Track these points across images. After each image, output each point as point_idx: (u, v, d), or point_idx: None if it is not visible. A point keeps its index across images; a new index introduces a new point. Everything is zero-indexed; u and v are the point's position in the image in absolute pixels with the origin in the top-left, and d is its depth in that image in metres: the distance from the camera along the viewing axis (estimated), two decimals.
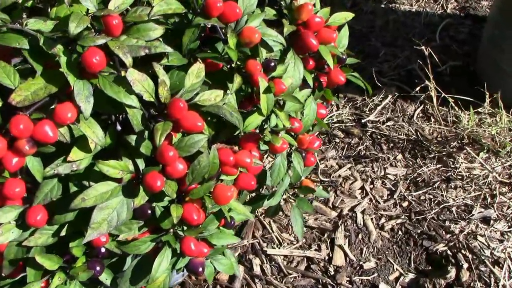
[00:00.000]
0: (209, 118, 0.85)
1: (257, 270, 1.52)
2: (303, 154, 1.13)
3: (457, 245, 1.55)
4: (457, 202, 1.66)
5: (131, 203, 0.78)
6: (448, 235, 1.58)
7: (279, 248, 1.57)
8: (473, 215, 1.62)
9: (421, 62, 2.06)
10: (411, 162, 1.80)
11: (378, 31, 2.31)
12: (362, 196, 1.71)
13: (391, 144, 1.86)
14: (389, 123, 1.92)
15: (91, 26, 0.74)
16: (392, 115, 1.95)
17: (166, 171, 0.79)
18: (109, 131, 0.81)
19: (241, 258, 1.54)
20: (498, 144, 1.78)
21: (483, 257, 1.50)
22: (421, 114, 1.95)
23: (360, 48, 2.22)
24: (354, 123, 1.96)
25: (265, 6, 0.96)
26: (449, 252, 1.54)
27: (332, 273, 1.50)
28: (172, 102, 0.76)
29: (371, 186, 1.74)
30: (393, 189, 1.73)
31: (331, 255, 1.55)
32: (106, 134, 0.79)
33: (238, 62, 0.87)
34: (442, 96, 1.87)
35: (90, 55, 0.71)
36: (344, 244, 1.57)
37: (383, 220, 1.64)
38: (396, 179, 1.76)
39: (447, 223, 1.61)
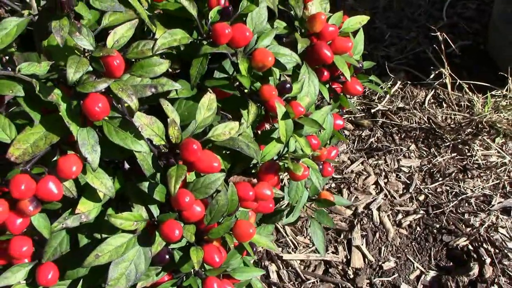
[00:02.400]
0: (223, 151, 0.79)
1: (274, 277, 1.47)
2: (321, 167, 1.07)
3: (478, 238, 1.50)
4: (476, 193, 1.61)
5: (149, 252, 0.73)
6: (468, 229, 1.53)
7: (295, 252, 1.52)
8: (493, 205, 1.57)
9: (431, 47, 1.98)
10: (425, 152, 1.74)
11: (382, 12, 2.22)
12: (377, 191, 1.66)
13: (403, 134, 1.80)
14: (400, 112, 1.85)
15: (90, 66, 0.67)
16: (402, 102, 1.88)
17: (183, 216, 0.73)
18: (117, 175, 0.74)
19: (256, 265, 1.50)
20: None
21: (505, 250, 1.46)
22: (432, 100, 1.88)
23: (364, 31, 2.13)
24: (363, 113, 1.89)
25: (275, 19, 0.88)
26: (470, 246, 1.49)
27: (352, 276, 1.46)
28: (185, 144, 0.69)
29: (385, 180, 1.68)
30: (408, 182, 1.67)
31: (349, 257, 1.51)
32: (115, 179, 0.73)
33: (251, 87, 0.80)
34: (456, 82, 1.80)
35: (92, 103, 0.64)
36: (362, 245, 1.52)
37: (400, 216, 1.59)
38: (411, 171, 1.70)
39: (466, 216, 1.56)
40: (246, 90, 0.78)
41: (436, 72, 1.84)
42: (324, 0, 1.00)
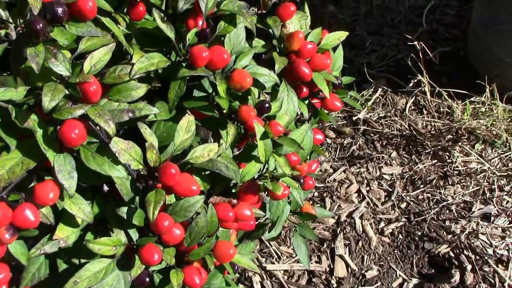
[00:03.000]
0: (203, 172, 0.79)
1: None
2: (302, 181, 1.08)
3: (459, 245, 1.52)
4: (456, 200, 1.63)
5: (128, 276, 0.72)
6: (450, 236, 1.55)
7: (278, 262, 1.53)
8: (473, 212, 1.59)
9: (410, 55, 2.00)
10: (406, 160, 1.76)
11: (363, 19, 2.24)
12: (359, 200, 1.67)
13: (385, 141, 1.81)
14: (380, 119, 1.87)
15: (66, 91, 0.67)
16: (383, 109, 1.89)
17: (163, 239, 0.73)
18: (96, 198, 0.74)
19: (240, 275, 1.50)
20: (494, 135, 1.74)
21: (486, 257, 1.48)
22: (413, 107, 1.90)
23: (345, 39, 2.14)
24: (345, 121, 1.90)
25: (254, 38, 0.89)
26: (451, 253, 1.51)
27: (335, 285, 1.47)
28: (163, 168, 0.69)
29: (368, 188, 1.70)
30: (390, 190, 1.69)
31: (332, 266, 1.51)
32: (93, 203, 0.73)
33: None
34: (435, 89, 1.82)
35: (68, 130, 0.64)
36: (345, 254, 1.53)
37: (382, 224, 1.60)
38: (393, 178, 1.71)
39: (447, 223, 1.58)
40: (224, 111, 0.78)
41: (415, 80, 1.86)
42: (303, 16, 1.01)
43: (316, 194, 1.70)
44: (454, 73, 1.96)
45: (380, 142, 1.81)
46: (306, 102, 1.02)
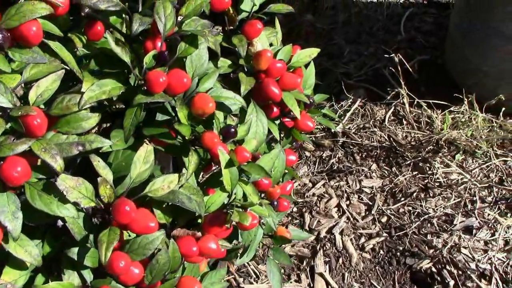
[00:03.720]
0: (164, 205, 0.74)
1: None
2: (275, 203, 1.03)
3: (441, 260, 1.49)
4: (437, 213, 1.60)
5: None
6: (431, 250, 1.51)
7: (257, 282, 1.48)
8: (454, 225, 1.56)
9: (388, 66, 1.97)
10: (386, 172, 1.72)
11: (341, 27, 2.21)
12: (339, 214, 1.63)
13: (364, 154, 1.78)
14: (360, 130, 1.83)
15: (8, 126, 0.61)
16: (362, 120, 1.86)
17: (120, 280, 0.68)
18: (47, 237, 0.69)
19: None
20: (474, 145, 1.71)
21: (468, 272, 1.45)
22: (392, 117, 1.87)
23: (323, 48, 2.11)
24: (324, 133, 1.86)
25: (219, 58, 0.84)
26: (433, 269, 1.48)
27: None
28: (117, 205, 0.64)
29: (348, 202, 1.66)
30: (370, 203, 1.65)
31: (312, 285, 1.47)
32: (44, 243, 0.67)
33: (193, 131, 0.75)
34: (414, 100, 1.79)
35: (10, 168, 0.58)
36: (325, 271, 1.49)
37: (363, 239, 1.56)
38: (373, 192, 1.68)
39: (429, 237, 1.54)
40: (187, 137, 0.73)
41: (394, 92, 1.83)
42: (273, 32, 0.96)
43: (295, 209, 1.65)
44: (432, 82, 1.93)
45: (360, 154, 1.78)
46: (278, 121, 0.97)
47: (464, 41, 1.81)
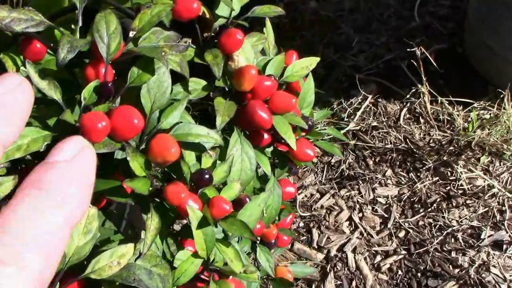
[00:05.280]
0: (117, 283, 0.57)
1: None
2: (273, 242, 0.86)
3: (468, 282, 1.31)
4: (462, 225, 1.41)
5: None
6: (457, 270, 1.34)
7: None
8: (482, 240, 1.38)
9: (406, 59, 1.77)
10: (403, 178, 1.54)
11: (348, 14, 2.00)
12: (351, 229, 1.45)
13: (378, 158, 1.59)
14: (372, 131, 1.64)
15: None
16: (375, 120, 1.67)
17: None
18: None
19: None
20: (501, 146, 1.52)
21: None
22: (408, 115, 1.67)
23: (329, 38, 1.91)
24: (332, 135, 1.67)
25: (188, 80, 0.66)
26: None
27: None
28: None
29: (360, 215, 1.48)
30: (386, 215, 1.47)
31: None
32: None
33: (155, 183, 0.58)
34: (435, 97, 1.59)
35: None
36: None
37: (378, 258, 1.39)
38: (388, 202, 1.50)
39: (453, 254, 1.37)
40: (145, 193, 0.55)
41: (411, 86, 1.63)
42: (261, 39, 0.78)
43: (301, 224, 1.48)
44: (452, 74, 1.73)
45: (373, 159, 1.59)
46: (270, 149, 0.80)
47: (483, 25, 1.61)
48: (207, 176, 0.60)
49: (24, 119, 0.24)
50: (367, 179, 1.54)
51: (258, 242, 0.83)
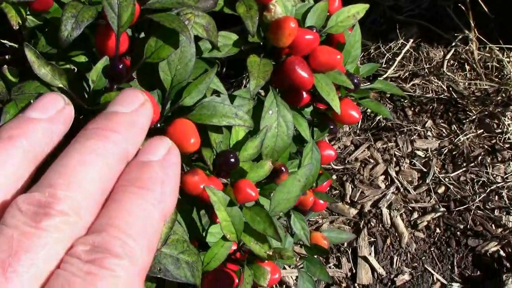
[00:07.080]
0: None
1: None
2: (309, 208, 0.80)
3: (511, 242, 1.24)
4: (508, 182, 1.32)
5: None
6: (500, 230, 1.26)
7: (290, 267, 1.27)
8: None
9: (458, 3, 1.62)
10: (444, 130, 1.44)
11: None
12: (387, 184, 1.38)
13: (418, 108, 1.49)
14: (413, 79, 1.53)
15: None
16: (415, 66, 1.55)
17: None
18: None
19: None
20: None
21: None
22: (452, 62, 1.55)
23: None
24: (368, 82, 1.56)
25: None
26: (502, 252, 1.23)
27: None
28: None
29: (397, 169, 1.40)
30: (425, 170, 1.38)
31: (354, 270, 1.26)
32: None
33: None
34: (484, 43, 1.45)
35: None
36: (370, 254, 1.27)
37: (415, 215, 1.32)
38: (428, 155, 1.41)
39: (496, 213, 1.29)
40: None
41: (459, 36, 1.49)
42: None
43: (334, 177, 1.41)
44: (503, 17, 1.58)
45: (412, 109, 1.49)
46: (309, 109, 0.71)
47: None
48: (232, 160, 0.52)
49: (144, 134, 0.27)
50: (406, 130, 1.45)
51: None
